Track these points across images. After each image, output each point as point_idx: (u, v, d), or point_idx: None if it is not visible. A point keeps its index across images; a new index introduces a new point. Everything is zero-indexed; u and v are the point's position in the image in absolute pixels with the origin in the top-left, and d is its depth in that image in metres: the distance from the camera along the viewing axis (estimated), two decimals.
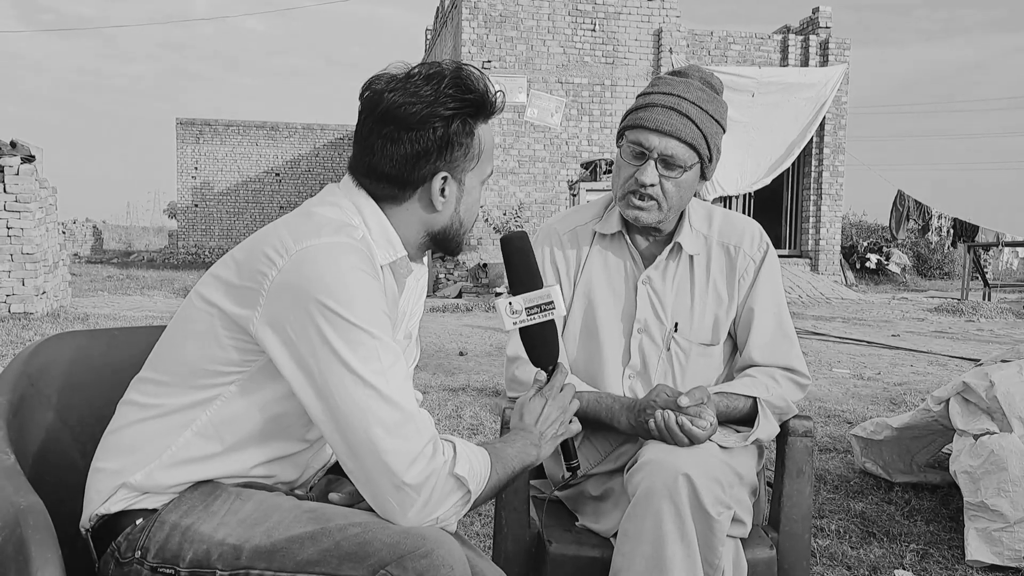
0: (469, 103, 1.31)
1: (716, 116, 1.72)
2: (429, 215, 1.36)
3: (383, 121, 1.29)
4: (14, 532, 1.12)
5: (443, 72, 1.30)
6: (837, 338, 8.86)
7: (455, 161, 1.33)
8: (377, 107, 1.29)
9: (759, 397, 1.71)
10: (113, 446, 1.31)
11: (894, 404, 5.22)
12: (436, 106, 1.28)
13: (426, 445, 1.19)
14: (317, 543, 1.18)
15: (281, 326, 1.20)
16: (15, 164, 9.09)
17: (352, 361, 1.18)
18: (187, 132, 26.98)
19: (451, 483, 1.21)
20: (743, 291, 1.80)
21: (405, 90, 1.28)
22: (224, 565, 1.19)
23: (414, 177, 1.31)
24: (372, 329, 1.19)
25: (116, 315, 9.99)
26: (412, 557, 1.14)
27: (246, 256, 1.26)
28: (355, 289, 1.20)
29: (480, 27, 15.08)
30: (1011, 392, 2.71)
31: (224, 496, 1.27)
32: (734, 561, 1.59)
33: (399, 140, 1.28)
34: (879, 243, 20.10)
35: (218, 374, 1.26)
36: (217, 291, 1.27)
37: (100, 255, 30.05)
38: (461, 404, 4.94)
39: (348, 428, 1.18)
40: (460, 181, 1.35)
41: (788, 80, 15.57)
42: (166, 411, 1.28)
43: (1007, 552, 2.55)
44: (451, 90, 1.29)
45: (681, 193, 1.73)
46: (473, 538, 2.80)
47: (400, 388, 1.20)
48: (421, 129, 1.28)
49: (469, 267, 14.97)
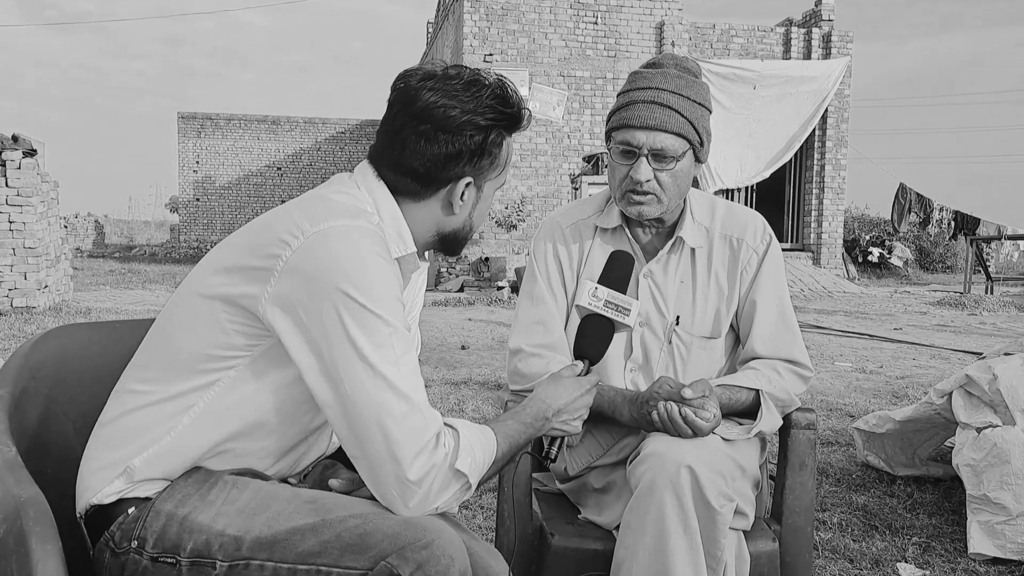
0: (506, 117, 1.33)
1: (698, 100, 1.71)
2: (445, 216, 1.37)
3: (420, 118, 1.29)
4: (15, 524, 1.12)
5: (484, 82, 1.32)
6: (839, 332, 8.85)
7: (482, 169, 1.35)
8: (414, 103, 1.29)
9: (762, 390, 1.71)
10: (108, 436, 1.30)
11: (896, 397, 5.22)
12: (476, 115, 1.29)
13: (430, 438, 1.19)
14: (318, 534, 1.18)
15: (293, 307, 1.19)
16: (17, 158, 9.09)
17: (365, 348, 1.17)
18: (188, 126, 26.96)
19: (451, 476, 1.21)
20: (745, 283, 1.80)
21: (445, 91, 1.29)
22: (225, 556, 1.19)
23: (441, 177, 1.32)
24: (387, 316, 1.19)
25: (118, 309, 10.00)
26: (413, 548, 1.15)
27: (256, 238, 1.25)
28: (373, 274, 1.19)
29: (482, 20, 15.05)
30: (1014, 385, 2.71)
31: (220, 485, 1.27)
32: (736, 554, 1.59)
33: (434, 140, 1.29)
34: (881, 236, 20.07)
35: (218, 359, 1.25)
36: (218, 276, 1.26)
37: (102, 249, 30.08)
38: (463, 398, 4.94)
39: (356, 415, 1.18)
40: (480, 188, 1.38)
41: (790, 73, 15.53)
42: (162, 398, 1.27)
43: (1009, 545, 2.55)
44: (492, 101, 1.31)
45: (679, 183, 1.72)
46: (476, 531, 2.80)
47: (410, 379, 1.20)
48: (458, 134, 1.29)
49: (471, 261, 14.96)
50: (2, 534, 1.13)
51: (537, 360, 1.76)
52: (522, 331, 1.81)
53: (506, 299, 11.88)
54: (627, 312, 1.50)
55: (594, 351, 1.51)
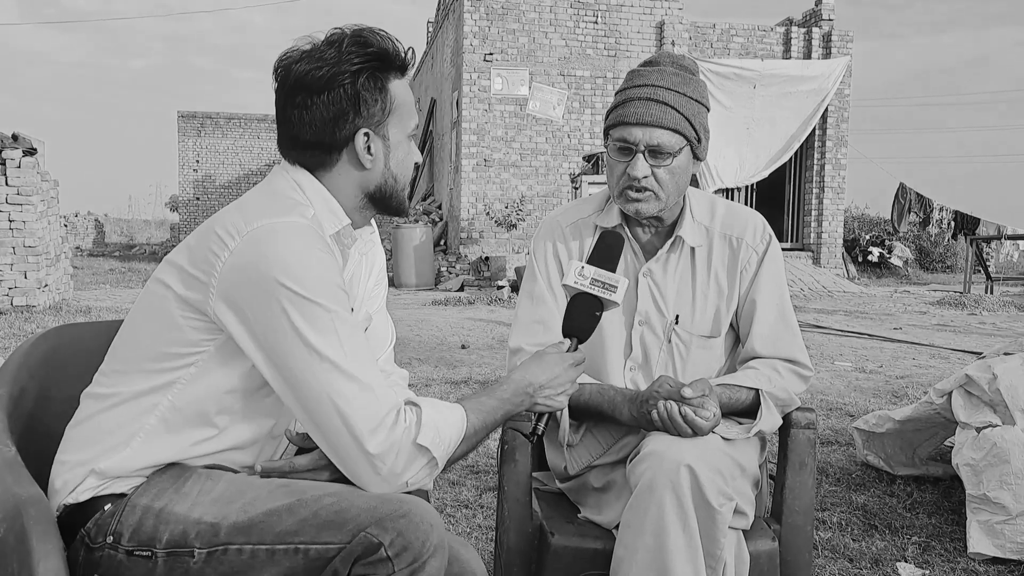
0: (372, 56, 1.32)
1: (695, 96, 1.72)
2: (361, 174, 1.38)
3: (294, 91, 1.31)
4: (15, 523, 1.12)
5: (343, 33, 1.33)
6: (839, 331, 8.85)
7: (372, 117, 1.34)
8: (287, 79, 1.32)
9: (761, 389, 1.71)
10: (77, 437, 1.31)
11: (896, 397, 5.22)
12: (340, 64, 1.30)
13: (387, 414, 1.22)
14: (294, 514, 1.20)
15: (238, 305, 1.22)
16: (17, 157, 9.08)
17: (310, 336, 1.20)
18: (188, 125, 26.97)
19: (415, 451, 1.23)
20: (745, 283, 1.80)
21: (311, 58, 1.31)
22: (202, 543, 1.20)
23: (336, 139, 1.33)
24: (327, 303, 1.22)
25: (118, 308, 10.00)
26: (391, 518, 1.17)
27: (199, 240, 1.29)
28: (309, 263, 1.22)
29: (482, 19, 15.04)
30: (1014, 385, 2.71)
31: (195, 478, 1.28)
32: (736, 553, 1.59)
33: (312, 106, 1.31)
34: (881, 236, 20.06)
35: (176, 356, 1.27)
36: (172, 275, 1.29)
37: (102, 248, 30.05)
38: (463, 397, 4.93)
39: (310, 401, 1.21)
40: (384, 136, 1.37)
41: (790, 72, 15.52)
42: (125, 398, 1.29)
43: (1009, 545, 2.55)
44: (352, 47, 1.31)
45: (676, 179, 1.73)
46: (475, 530, 2.80)
47: (357, 360, 1.23)
48: (330, 90, 1.30)
49: (471, 260, 14.96)
50: (3, 533, 1.14)
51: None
52: (522, 330, 1.82)
53: (506, 298, 11.88)
54: (614, 289, 1.48)
55: (581, 329, 1.51)
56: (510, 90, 15.21)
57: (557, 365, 1.44)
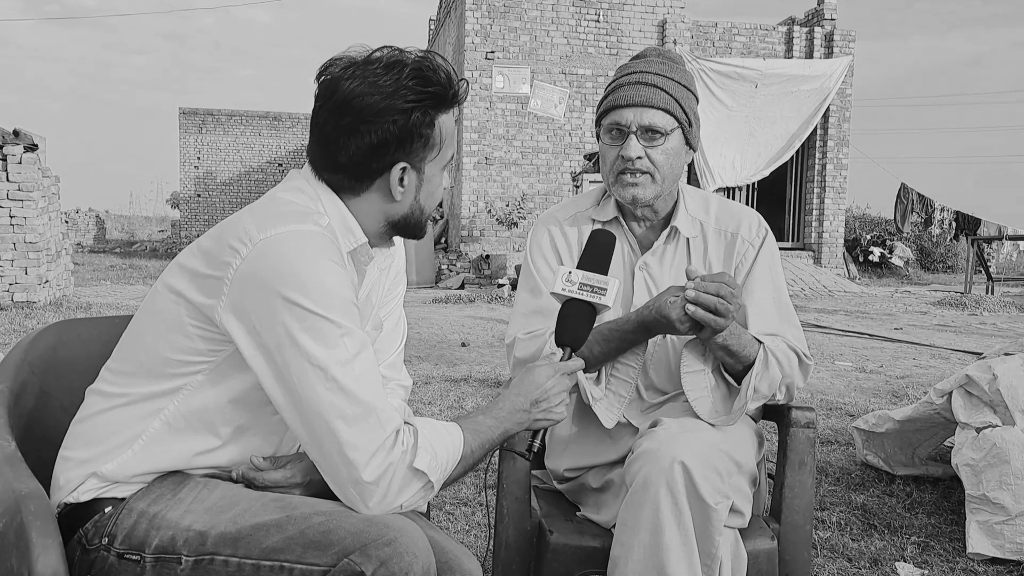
0: (429, 96, 1.27)
1: (682, 82, 1.74)
2: (388, 205, 1.33)
3: (340, 111, 1.25)
4: (15, 518, 1.12)
5: (404, 61, 1.26)
6: (840, 331, 8.85)
7: (414, 152, 1.29)
8: (334, 95, 1.26)
9: (764, 345, 1.67)
10: (81, 434, 1.31)
11: (896, 397, 5.22)
12: (395, 98, 1.24)
13: (387, 438, 1.19)
14: (282, 530, 1.18)
15: (246, 315, 1.19)
16: (18, 153, 9.09)
17: (316, 352, 1.17)
18: (190, 122, 26.95)
19: (410, 475, 1.20)
20: (741, 276, 1.79)
21: (364, 78, 1.24)
22: (190, 551, 1.19)
23: (372, 169, 1.28)
24: (336, 318, 1.18)
25: (119, 304, 10.01)
26: (376, 545, 1.15)
27: (212, 245, 1.25)
28: (320, 277, 1.18)
29: (484, 17, 15.03)
30: (1014, 385, 2.71)
31: (192, 485, 1.28)
32: (733, 552, 1.59)
33: (356, 132, 1.25)
34: (882, 236, 20.06)
35: (184, 364, 1.25)
36: (183, 280, 1.26)
37: (103, 244, 30.09)
38: (463, 395, 4.94)
39: (309, 419, 1.18)
40: (420, 170, 1.32)
41: (792, 72, 15.51)
42: (132, 400, 1.28)
43: (1008, 545, 2.55)
44: (411, 82, 1.25)
45: (671, 162, 1.73)
46: (474, 528, 2.80)
47: (363, 379, 1.19)
48: (379, 121, 1.24)
49: (472, 258, 14.96)
50: (2, 528, 1.14)
51: (533, 341, 1.75)
52: (520, 321, 1.81)
53: (507, 296, 11.88)
54: (603, 292, 1.45)
55: (572, 337, 1.46)
56: (511, 88, 15.21)
57: (548, 377, 1.38)
